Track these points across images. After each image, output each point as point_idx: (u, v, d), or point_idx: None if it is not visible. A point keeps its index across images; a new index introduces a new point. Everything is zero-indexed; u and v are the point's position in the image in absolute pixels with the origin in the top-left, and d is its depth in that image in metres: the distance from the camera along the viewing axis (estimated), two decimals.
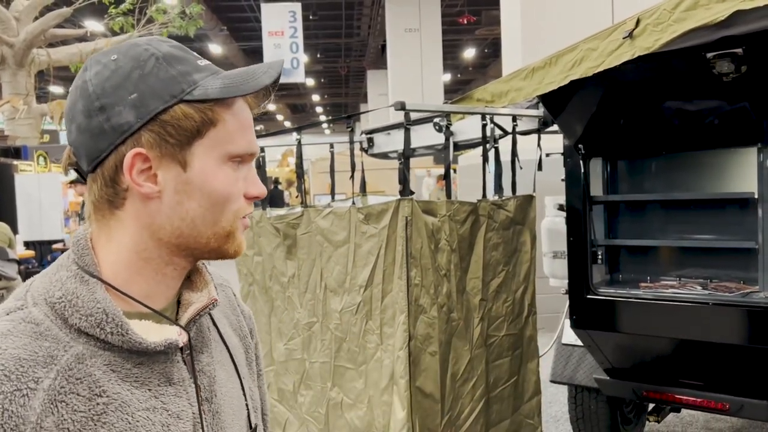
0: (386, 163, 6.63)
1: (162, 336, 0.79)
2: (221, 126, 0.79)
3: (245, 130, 0.82)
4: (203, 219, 0.80)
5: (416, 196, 2.61)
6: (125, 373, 0.76)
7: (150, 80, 0.77)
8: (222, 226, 0.81)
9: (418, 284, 2.49)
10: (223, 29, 17.68)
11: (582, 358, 3.49)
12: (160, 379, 0.79)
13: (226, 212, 0.81)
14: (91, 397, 0.73)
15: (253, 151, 0.83)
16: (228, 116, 0.80)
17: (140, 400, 0.76)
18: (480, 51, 21.79)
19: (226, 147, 0.80)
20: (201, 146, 0.78)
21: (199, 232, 0.80)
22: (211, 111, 0.78)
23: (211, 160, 0.79)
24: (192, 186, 0.78)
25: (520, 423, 3.04)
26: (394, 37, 15.53)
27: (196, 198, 0.79)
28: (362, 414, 2.63)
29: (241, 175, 0.82)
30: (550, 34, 5.54)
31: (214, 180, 0.79)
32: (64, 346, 0.73)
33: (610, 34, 2.13)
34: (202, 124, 0.78)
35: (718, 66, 2.34)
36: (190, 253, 0.82)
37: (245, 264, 3.15)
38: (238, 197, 0.81)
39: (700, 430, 4.25)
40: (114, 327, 0.75)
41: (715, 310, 2.79)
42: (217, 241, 0.81)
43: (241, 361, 0.95)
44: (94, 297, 0.76)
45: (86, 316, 0.75)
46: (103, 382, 0.74)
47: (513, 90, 2.57)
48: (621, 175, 3.42)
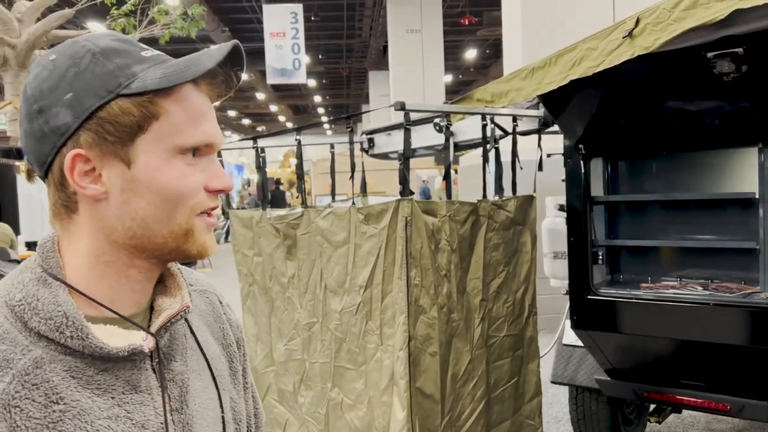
0: (387, 164, 6.62)
1: (126, 341, 0.76)
2: (165, 118, 0.75)
3: (197, 120, 0.77)
4: (155, 217, 0.76)
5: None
6: (86, 379, 0.73)
7: (86, 77, 0.73)
8: (178, 224, 0.77)
9: (418, 284, 2.48)
10: (224, 30, 17.70)
11: (583, 358, 3.49)
12: (125, 387, 0.75)
13: (181, 209, 0.76)
14: (47, 404, 0.69)
15: (209, 141, 0.78)
16: (173, 107, 0.75)
17: (102, 408, 0.72)
18: (481, 52, 21.79)
19: (173, 140, 0.75)
20: (144, 141, 0.74)
21: (152, 232, 0.76)
22: (151, 103, 0.74)
23: (157, 155, 0.75)
24: (138, 183, 0.75)
25: (521, 424, 3.03)
26: (396, 38, 15.54)
27: (145, 196, 0.75)
28: (362, 414, 2.63)
29: (200, 168, 0.77)
30: (551, 34, 5.54)
31: (161, 176, 0.75)
32: (22, 350, 0.70)
33: (610, 34, 2.13)
34: (143, 119, 0.74)
35: (718, 66, 2.34)
36: (151, 254, 0.78)
37: (245, 264, 3.15)
38: (194, 192, 0.77)
39: (701, 431, 4.24)
40: (74, 331, 0.72)
41: (716, 310, 2.78)
42: (174, 240, 0.77)
43: (222, 371, 0.91)
44: (56, 300, 0.73)
45: (46, 320, 0.72)
46: (61, 389, 0.70)
47: (513, 90, 2.57)
48: (621, 176, 3.42)
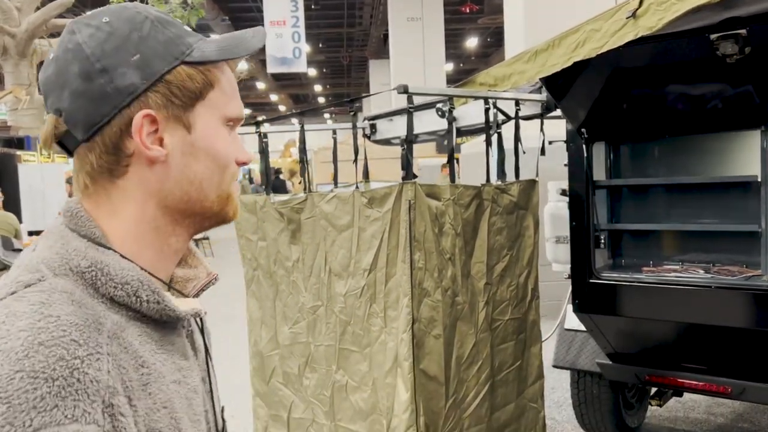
0: (388, 153, 6.61)
1: (188, 306, 0.79)
2: (218, 88, 0.79)
3: (235, 93, 0.83)
4: (210, 181, 0.80)
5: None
6: (155, 344, 0.75)
7: (150, 42, 0.75)
8: (223, 188, 0.81)
9: (422, 267, 2.50)
10: (224, 19, 17.64)
11: (584, 342, 3.51)
12: (179, 353, 0.79)
13: (227, 174, 0.81)
14: (137, 366, 0.70)
15: (243, 115, 0.84)
16: (223, 79, 0.80)
17: (170, 372, 0.75)
18: (482, 40, 21.72)
19: (224, 109, 0.80)
20: (203, 107, 0.78)
21: (205, 196, 0.80)
22: (210, 72, 0.78)
23: (212, 121, 0.79)
24: (197, 148, 0.78)
25: (524, 407, 3.06)
26: (397, 26, 15.49)
27: (202, 160, 0.79)
28: (367, 396, 2.65)
29: (231, 138, 0.82)
30: (553, 22, 5.52)
31: (216, 142, 0.79)
32: (103, 314, 0.70)
33: (614, 15, 2.13)
34: (204, 86, 0.78)
35: (721, 47, 2.34)
36: (194, 221, 0.81)
37: (249, 249, 3.16)
38: (233, 161, 0.82)
39: (702, 414, 4.27)
40: (150, 295, 0.73)
41: (718, 293, 2.80)
42: (219, 204, 0.81)
43: (208, 342, 0.95)
44: (122, 266, 0.73)
45: (121, 284, 0.72)
46: (141, 352, 0.72)
47: (516, 73, 2.57)
48: (624, 160, 3.43)
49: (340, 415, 2.78)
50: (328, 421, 2.84)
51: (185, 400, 0.76)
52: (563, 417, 4.32)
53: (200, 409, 0.80)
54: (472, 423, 2.72)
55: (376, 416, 2.63)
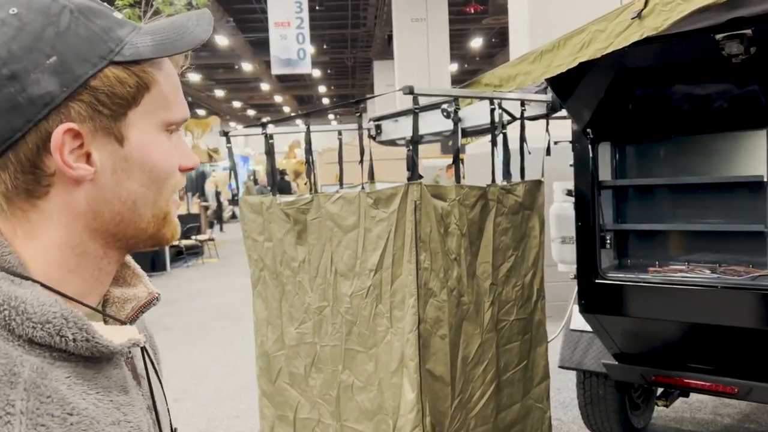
0: (393, 154, 6.61)
1: (124, 337, 0.69)
2: (155, 90, 0.68)
3: (177, 93, 0.71)
4: (144, 200, 0.69)
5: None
6: (87, 384, 0.65)
7: (70, 39, 0.63)
8: (160, 206, 0.71)
9: (428, 268, 2.50)
10: (229, 20, 17.68)
11: (590, 343, 3.51)
12: (117, 388, 0.69)
13: (165, 189, 0.71)
14: (65, 417, 0.60)
15: (187, 116, 0.73)
16: (161, 78, 0.69)
17: (105, 414, 0.65)
18: (487, 40, 21.71)
19: (163, 114, 0.69)
20: (137, 115, 0.67)
21: (140, 216, 0.70)
22: (144, 73, 0.67)
23: (148, 130, 0.68)
24: (131, 163, 0.67)
25: (530, 407, 3.06)
26: (401, 27, 15.50)
27: (137, 176, 0.68)
28: (373, 396, 2.66)
29: (173, 144, 0.71)
30: (558, 22, 5.52)
31: (154, 153, 0.68)
32: (20, 361, 0.59)
33: (619, 15, 2.14)
34: (138, 90, 0.66)
35: (727, 47, 2.34)
36: (126, 242, 0.71)
37: (256, 250, 3.17)
38: (175, 170, 0.71)
39: (708, 414, 4.26)
40: (77, 333, 0.63)
41: (724, 293, 2.79)
42: (155, 224, 0.71)
43: (157, 363, 0.86)
44: (42, 301, 0.62)
45: (41, 324, 0.61)
46: (70, 398, 0.62)
47: (521, 74, 2.57)
48: (629, 160, 3.42)
49: (346, 415, 2.79)
50: (334, 422, 2.85)
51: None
52: (569, 417, 4.31)
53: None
54: (478, 423, 2.73)
55: (382, 416, 2.64)
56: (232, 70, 24.31)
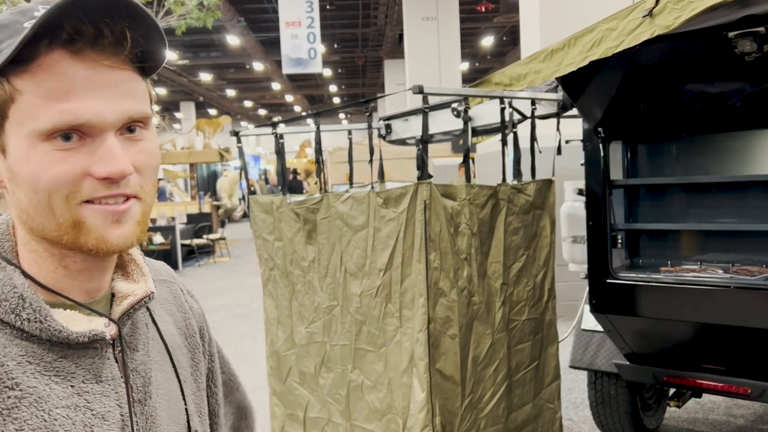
0: (403, 153, 6.60)
1: (87, 327, 0.72)
2: (20, 100, 0.66)
3: (58, 98, 0.65)
4: (36, 209, 0.69)
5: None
6: (44, 365, 0.69)
7: None
8: (60, 214, 0.68)
9: (438, 267, 2.50)
10: (240, 20, 17.73)
11: (602, 343, 3.49)
12: (86, 376, 0.71)
13: (56, 200, 0.68)
14: (2, 389, 0.65)
15: (75, 121, 0.66)
16: (28, 86, 0.65)
17: (60, 397, 0.69)
18: (498, 39, 21.64)
19: (30, 124, 0.66)
20: (11, 126, 0.67)
21: (42, 225, 0.70)
22: (7, 84, 0.65)
23: (21, 141, 0.67)
24: (15, 173, 0.68)
25: (541, 407, 3.05)
26: (412, 25, 15.47)
27: (22, 186, 0.68)
28: (382, 396, 2.66)
29: (84, 151, 0.67)
30: (568, 20, 5.50)
31: (26, 165, 0.67)
32: None
33: (630, 14, 2.12)
34: (2, 103, 0.66)
35: (740, 45, 2.32)
36: (66, 247, 0.71)
37: (266, 249, 3.18)
38: (69, 180, 0.67)
39: (721, 416, 4.23)
40: (31, 313, 0.68)
41: (737, 294, 2.77)
42: (67, 233, 0.69)
43: (184, 362, 0.88)
44: (11, 282, 0.69)
45: (0, 301, 0.68)
46: (16, 374, 0.66)
47: (532, 72, 2.56)
48: (641, 159, 3.40)
49: (356, 414, 2.79)
50: (344, 421, 2.85)
51: (82, 427, 0.69)
52: (580, 418, 4.30)
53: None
54: (489, 423, 2.72)
55: (392, 416, 2.64)
56: (243, 69, 24.38)
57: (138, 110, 0.70)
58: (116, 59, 0.68)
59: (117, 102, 0.68)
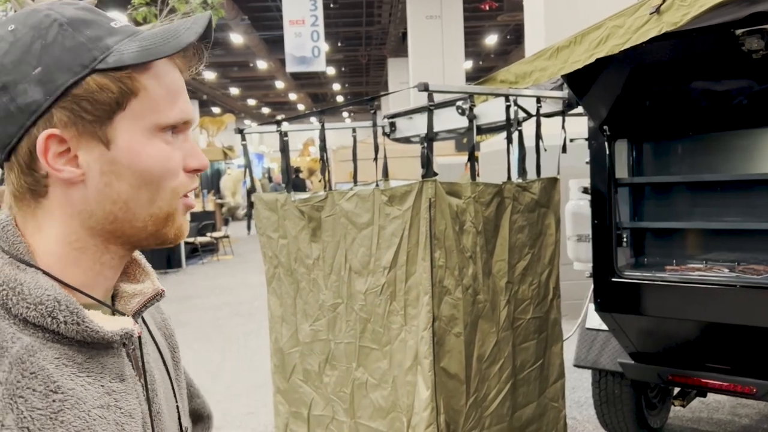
0: (407, 151, 6.60)
1: (117, 326, 0.72)
2: (144, 95, 0.70)
3: (174, 96, 0.73)
4: (137, 200, 0.71)
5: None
6: (77, 367, 0.69)
7: (55, 50, 0.68)
8: (159, 206, 0.73)
9: (442, 266, 2.49)
10: (244, 19, 17.74)
11: (606, 342, 3.48)
12: (112, 375, 0.72)
13: (163, 191, 0.73)
14: (47, 393, 0.65)
15: (186, 118, 0.74)
16: (151, 83, 0.71)
17: (95, 397, 0.69)
18: (502, 37, 21.61)
19: (153, 118, 0.71)
20: (124, 119, 0.70)
21: (134, 216, 0.72)
22: (129, 79, 0.69)
23: (137, 134, 0.70)
24: (119, 165, 0.70)
25: (545, 406, 3.04)
26: (415, 24, 15.45)
27: (126, 178, 0.71)
28: (387, 394, 2.66)
29: (178, 146, 0.74)
30: (573, 18, 5.48)
31: (143, 156, 0.71)
32: (11, 337, 0.65)
33: (637, 11, 2.11)
34: (122, 95, 0.69)
35: (747, 43, 2.30)
36: (127, 240, 0.74)
37: (270, 247, 3.18)
38: (175, 173, 0.73)
39: (726, 415, 4.22)
40: (68, 315, 0.68)
41: (743, 292, 2.76)
42: (155, 224, 0.73)
43: (169, 360, 0.89)
44: (41, 285, 0.68)
45: (35, 305, 0.67)
46: (56, 377, 0.66)
47: (537, 70, 2.55)
48: (647, 157, 3.39)
49: (360, 412, 2.79)
50: (348, 419, 2.85)
51: (115, 426, 0.70)
52: (584, 417, 4.29)
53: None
54: (493, 422, 2.72)
55: (396, 414, 2.63)
56: (246, 68, 24.40)
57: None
58: (186, 68, 0.76)
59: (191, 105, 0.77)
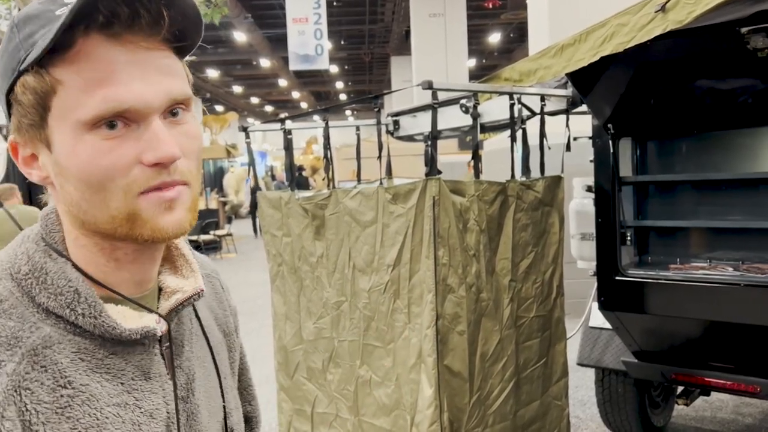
0: (410, 149, 6.59)
1: (139, 323, 0.71)
2: (61, 89, 0.63)
3: (99, 84, 0.63)
4: (88, 203, 0.67)
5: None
6: (96, 362, 0.68)
7: (4, 57, 0.66)
8: (116, 207, 0.66)
9: (446, 264, 2.49)
10: (247, 17, 17.74)
11: (609, 340, 3.48)
12: (135, 373, 0.71)
13: (110, 191, 0.65)
14: (56, 387, 0.64)
15: (118, 107, 0.63)
16: (67, 75, 0.63)
17: (111, 395, 0.68)
18: (505, 36, 21.57)
19: (73, 114, 0.63)
20: (53, 120, 0.65)
21: (95, 218, 0.67)
22: (47, 75, 0.63)
23: (66, 134, 0.64)
24: (62, 168, 0.66)
25: (548, 404, 3.04)
26: (419, 22, 15.44)
27: (71, 180, 0.66)
28: (390, 392, 2.66)
29: (132, 138, 0.65)
30: (577, 16, 5.47)
31: (75, 157, 0.65)
32: (30, 327, 0.65)
33: (642, 8, 2.10)
34: (42, 95, 0.64)
35: (752, 41, 2.30)
36: (119, 239, 0.70)
37: (274, 245, 3.18)
38: (121, 170, 0.65)
39: (729, 414, 4.21)
40: (86, 308, 0.67)
41: (747, 291, 2.75)
42: (122, 226, 0.67)
43: (223, 359, 0.88)
44: (65, 275, 0.67)
45: (56, 295, 0.66)
46: (69, 372, 0.65)
47: (542, 68, 2.55)
48: (651, 156, 3.38)
49: (364, 410, 2.79)
50: (352, 416, 2.85)
51: (131, 425, 0.69)
52: (587, 415, 4.29)
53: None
54: (497, 420, 2.72)
55: (400, 412, 2.64)
56: (250, 66, 24.40)
57: (180, 91, 0.67)
58: (154, 40, 0.65)
59: (159, 84, 0.65)
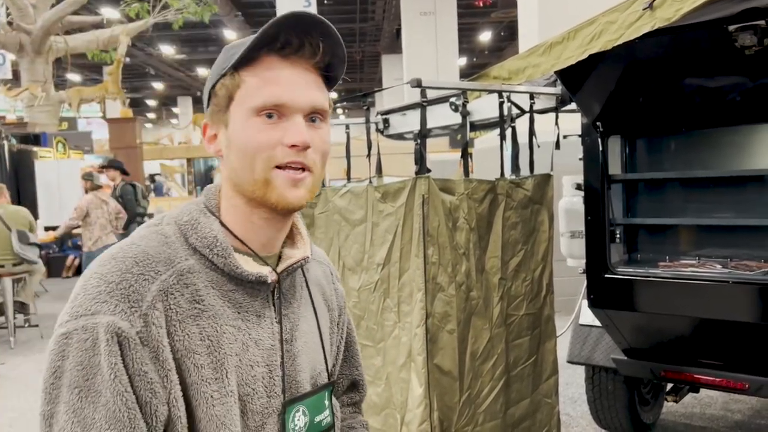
0: (400, 148, 6.58)
1: (256, 269, 0.94)
2: (243, 87, 0.92)
3: (266, 85, 0.91)
4: (243, 170, 0.92)
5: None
6: (222, 292, 0.92)
7: (216, 68, 0.96)
8: (257, 173, 0.91)
9: (436, 262, 2.49)
10: (237, 15, 17.68)
11: (599, 338, 3.48)
12: (250, 309, 0.94)
13: (257, 161, 0.91)
14: (192, 300, 0.89)
15: (275, 101, 0.91)
16: (250, 77, 0.92)
17: (230, 317, 0.92)
18: (496, 34, 21.61)
19: (247, 102, 0.91)
20: (234, 107, 0.93)
21: (243, 181, 0.93)
22: (237, 77, 0.92)
23: (240, 116, 0.92)
24: (231, 141, 0.93)
25: (538, 402, 3.04)
26: (409, 20, 15.43)
27: (234, 151, 0.93)
28: (380, 390, 2.65)
29: (281, 127, 0.91)
30: (567, 15, 5.48)
31: (241, 133, 0.92)
32: (181, 256, 0.91)
33: (630, 6, 2.10)
34: (232, 89, 0.92)
35: (740, 39, 2.30)
36: (255, 203, 0.94)
37: None
38: (268, 146, 0.91)
39: (718, 410, 4.23)
40: (220, 251, 0.92)
41: (736, 288, 2.76)
42: (258, 189, 0.92)
43: (324, 324, 1.10)
44: (211, 226, 0.94)
45: (201, 238, 0.92)
46: (203, 293, 0.90)
47: (530, 66, 2.54)
48: (640, 154, 3.39)
49: None
50: None
51: (240, 345, 0.92)
52: (578, 413, 4.30)
53: (257, 358, 0.94)
54: (487, 418, 2.72)
55: (390, 410, 2.63)
56: None
57: (320, 103, 0.94)
58: (310, 65, 0.94)
59: (307, 93, 0.93)
